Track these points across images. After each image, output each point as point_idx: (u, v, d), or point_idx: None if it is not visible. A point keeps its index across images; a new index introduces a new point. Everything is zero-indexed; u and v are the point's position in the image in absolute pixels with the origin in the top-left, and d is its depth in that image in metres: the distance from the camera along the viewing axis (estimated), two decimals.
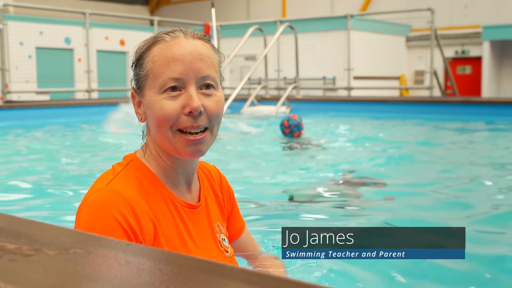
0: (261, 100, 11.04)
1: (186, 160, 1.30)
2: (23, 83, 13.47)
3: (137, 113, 1.30)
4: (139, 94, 1.28)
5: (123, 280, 0.74)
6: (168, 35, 1.26)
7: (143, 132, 1.34)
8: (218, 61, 1.29)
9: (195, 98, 1.20)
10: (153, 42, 1.26)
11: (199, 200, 1.36)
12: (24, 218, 1.08)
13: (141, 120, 1.30)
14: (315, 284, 0.72)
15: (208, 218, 1.36)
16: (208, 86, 1.24)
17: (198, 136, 1.22)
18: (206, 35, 1.29)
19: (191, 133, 1.23)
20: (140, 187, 1.23)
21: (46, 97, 13.04)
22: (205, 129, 1.24)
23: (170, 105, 1.21)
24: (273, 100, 10.67)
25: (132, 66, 1.31)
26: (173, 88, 1.21)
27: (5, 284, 0.70)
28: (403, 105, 9.62)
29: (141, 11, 25.55)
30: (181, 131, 1.23)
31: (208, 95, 1.24)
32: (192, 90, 1.21)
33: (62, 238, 0.93)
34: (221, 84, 1.29)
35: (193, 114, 1.20)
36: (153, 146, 1.29)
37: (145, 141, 1.33)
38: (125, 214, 1.15)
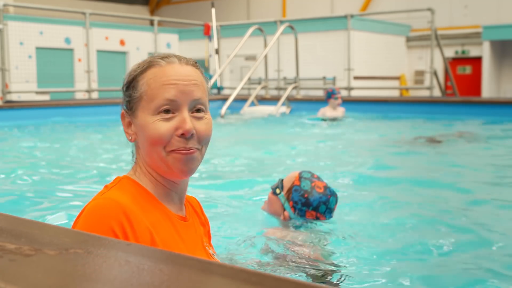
0: (261, 100, 11.03)
1: (177, 181, 1.35)
2: (23, 83, 13.45)
3: (127, 133, 1.36)
4: (131, 114, 1.33)
5: (123, 280, 0.74)
6: (163, 60, 1.32)
7: (132, 152, 1.39)
8: (207, 87, 1.36)
9: (188, 121, 1.27)
10: (148, 66, 1.32)
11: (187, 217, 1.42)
12: (24, 218, 1.08)
13: (130, 140, 1.35)
14: (315, 284, 0.72)
15: (197, 233, 1.42)
16: (199, 110, 1.31)
17: (190, 150, 1.28)
18: (197, 62, 1.36)
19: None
20: (134, 199, 1.28)
21: (46, 97, 13.00)
22: (196, 149, 1.30)
23: (164, 126, 1.27)
24: (273, 100, 10.66)
25: (123, 88, 1.36)
26: (167, 111, 1.28)
27: (5, 284, 0.70)
28: (403, 105, 9.61)
29: (141, 11, 25.55)
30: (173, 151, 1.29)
31: (199, 118, 1.30)
32: (185, 113, 1.28)
33: (62, 238, 0.93)
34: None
35: (186, 136, 1.27)
36: (143, 164, 1.34)
37: (134, 161, 1.38)
38: (121, 221, 1.19)
